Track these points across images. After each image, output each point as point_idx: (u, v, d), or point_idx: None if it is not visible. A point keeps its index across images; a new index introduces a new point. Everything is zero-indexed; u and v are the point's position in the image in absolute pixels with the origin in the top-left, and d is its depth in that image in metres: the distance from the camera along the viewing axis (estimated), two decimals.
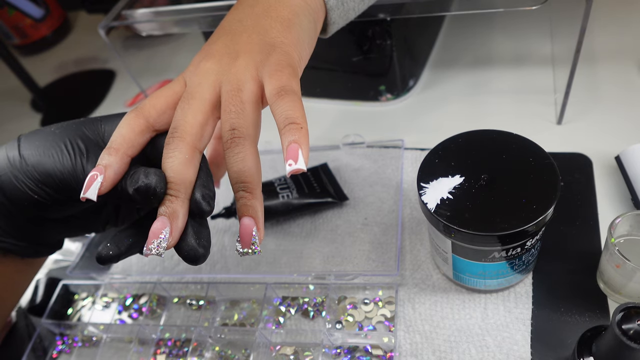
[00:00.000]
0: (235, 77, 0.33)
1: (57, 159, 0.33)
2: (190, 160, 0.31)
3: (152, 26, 0.63)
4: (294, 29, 0.36)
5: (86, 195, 0.30)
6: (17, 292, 0.43)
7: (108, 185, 0.30)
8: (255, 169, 0.31)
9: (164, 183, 0.30)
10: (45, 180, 0.33)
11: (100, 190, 0.30)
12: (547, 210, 0.36)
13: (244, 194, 0.30)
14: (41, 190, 0.33)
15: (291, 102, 0.30)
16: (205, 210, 0.31)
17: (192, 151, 0.31)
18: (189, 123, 0.32)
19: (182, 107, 0.33)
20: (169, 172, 0.30)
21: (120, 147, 0.31)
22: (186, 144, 0.31)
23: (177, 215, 0.30)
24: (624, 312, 0.32)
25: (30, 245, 0.38)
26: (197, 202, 0.31)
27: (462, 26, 0.76)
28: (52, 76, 0.96)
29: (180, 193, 0.30)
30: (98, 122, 0.35)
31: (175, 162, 0.31)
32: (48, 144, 0.33)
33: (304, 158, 0.28)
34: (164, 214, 0.29)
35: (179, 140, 0.31)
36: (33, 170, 0.33)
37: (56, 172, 0.32)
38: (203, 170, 0.32)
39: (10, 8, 0.95)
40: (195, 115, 0.32)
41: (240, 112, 0.32)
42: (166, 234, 0.29)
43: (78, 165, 0.32)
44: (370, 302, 0.47)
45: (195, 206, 0.31)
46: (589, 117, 0.58)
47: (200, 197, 0.31)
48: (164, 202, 0.30)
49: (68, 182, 0.33)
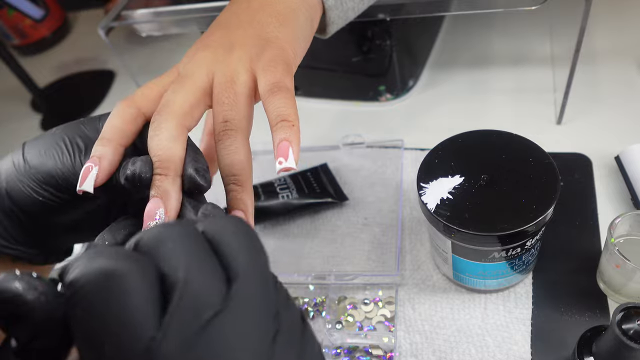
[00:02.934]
0: (229, 68, 0.33)
1: (57, 158, 0.32)
2: (178, 137, 0.30)
3: (151, 26, 0.63)
4: (290, 25, 0.36)
5: (82, 187, 0.29)
6: None
7: (103, 176, 0.30)
8: (246, 162, 0.30)
9: (149, 167, 0.29)
10: (48, 181, 0.33)
11: (96, 181, 0.29)
12: (547, 210, 0.36)
13: (234, 187, 0.30)
14: (45, 191, 0.33)
15: (284, 99, 0.30)
16: (202, 185, 0.30)
17: (180, 127, 0.30)
18: (178, 102, 0.31)
19: (173, 89, 0.32)
20: (156, 150, 0.29)
21: (112, 137, 0.31)
22: (173, 119, 0.30)
23: (169, 193, 0.28)
24: (624, 312, 0.32)
25: (40, 253, 0.38)
26: (191, 177, 0.29)
27: (461, 26, 0.76)
28: (52, 76, 0.96)
29: (169, 171, 0.29)
30: (97, 120, 0.35)
31: (162, 138, 0.29)
32: (48, 145, 0.33)
33: (295, 156, 0.28)
34: (155, 195, 0.28)
35: (165, 116, 0.30)
36: (36, 172, 0.33)
37: (57, 171, 0.32)
38: (191, 146, 0.31)
39: (9, 8, 0.95)
40: (186, 94, 0.32)
41: (233, 105, 0.31)
42: (161, 214, 0.28)
43: (77, 162, 0.32)
44: (370, 302, 0.47)
45: (191, 182, 0.29)
46: (589, 116, 0.58)
47: (193, 171, 0.30)
48: (153, 182, 0.29)
49: (69, 181, 0.32)
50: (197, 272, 0.19)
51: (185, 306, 0.18)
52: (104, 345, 0.18)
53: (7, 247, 0.36)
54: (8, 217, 0.34)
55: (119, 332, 0.18)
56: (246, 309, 0.19)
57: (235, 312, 0.19)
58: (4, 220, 0.35)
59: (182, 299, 0.18)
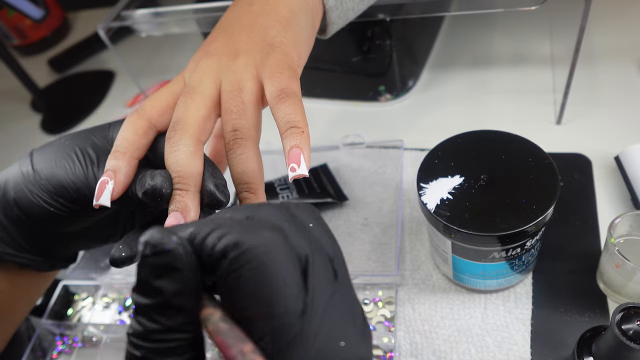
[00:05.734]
0: (236, 76, 0.33)
1: (69, 169, 0.32)
2: (196, 152, 0.30)
3: (152, 26, 0.63)
4: (293, 28, 0.36)
5: (99, 202, 0.30)
6: (30, 303, 0.43)
7: (120, 189, 0.30)
8: (257, 170, 0.31)
9: (169, 183, 0.29)
10: (59, 192, 0.32)
11: (113, 195, 0.30)
12: (546, 211, 0.36)
13: (247, 195, 0.30)
14: (56, 202, 0.33)
15: (292, 105, 0.30)
16: (221, 200, 0.30)
17: (196, 143, 0.31)
18: (192, 116, 0.32)
19: (184, 102, 0.32)
20: (175, 166, 0.30)
21: (126, 150, 0.31)
22: (190, 136, 0.31)
23: (189, 209, 0.29)
24: (624, 312, 0.32)
25: (47, 260, 0.38)
26: (211, 193, 0.30)
27: (461, 26, 0.76)
28: (52, 76, 0.96)
29: (189, 186, 0.29)
30: (106, 129, 0.34)
31: (181, 155, 0.30)
32: (59, 155, 0.33)
33: (306, 163, 0.28)
34: (175, 210, 0.29)
35: (182, 132, 0.31)
36: (47, 183, 0.32)
37: (69, 182, 0.32)
38: (208, 161, 0.32)
39: (10, 9, 0.95)
40: (198, 108, 0.32)
41: (242, 113, 0.32)
42: None
43: (90, 173, 0.32)
44: (370, 302, 0.47)
45: (211, 197, 0.30)
46: (589, 117, 0.58)
47: (213, 187, 0.30)
48: (173, 197, 0.29)
49: (82, 192, 0.32)
50: (318, 253, 0.23)
51: (321, 278, 0.22)
52: (272, 303, 0.21)
53: (14, 255, 0.36)
54: (15, 225, 0.34)
55: (284, 291, 0.21)
56: (344, 285, 0.24)
57: (340, 289, 0.23)
58: (11, 228, 0.34)
59: (318, 274, 0.22)
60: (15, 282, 0.38)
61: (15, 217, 0.34)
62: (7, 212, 0.34)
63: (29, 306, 0.43)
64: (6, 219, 0.34)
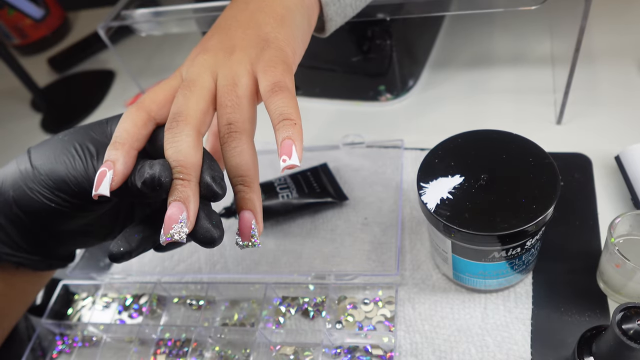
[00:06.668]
0: (231, 71, 0.33)
1: (70, 164, 0.32)
2: (197, 144, 0.31)
3: (151, 26, 0.63)
4: (288, 25, 0.36)
5: (98, 191, 0.29)
6: (27, 302, 0.43)
7: (119, 179, 0.30)
8: (252, 163, 0.31)
9: (168, 172, 0.29)
10: (60, 187, 0.32)
11: (112, 185, 0.30)
12: (547, 210, 0.36)
13: (242, 188, 0.31)
14: (57, 197, 0.33)
15: (285, 98, 0.30)
16: (218, 193, 0.30)
17: (197, 135, 0.31)
18: (192, 108, 0.32)
19: (183, 94, 0.33)
20: (177, 155, 0.30)
21: (125, 141, 0.31)
22: (192, 127, 0.31)
23: (190, 199, 0.29)
24: (624, 312, 0.32)
25: (44, 259, 0.38)
26: (208, 185, 0.30)
27: (461, 26, 0.76)
28: (52, 76, 0.96)
29: (191, 176, 0.29)
30: (104, 123, 0.35)
31: (184, 145, 0.30)
32: (58, 151, 0.33)
33: (298, 154, 0.28)
34: (177, 199, 0.29)
35: (183, 123, 0.31)
36: (47, 178, 0.32)
37: (70, 177, 0.32)
38: (206, 154, 0.32)
39: (10, 8, 0.95)
40: (198, 101, 0.32)
41: (237, 107, 0.32)
42: (184, 218, 0.28)
43: (90, 167, 0.32)
44: (370, 302, 0.47)
45: (207, 190, 0.30)
46: (589, 116, 0.58)
47: (210, 179, 0.30)
48: (174, 188, 0.29)
49: (82, 185, 0.32)
50: None
51: None
52: None
53: (11, 255, 0.36)
54: (13, 225, 0.34)
55: None
56: None
57: None
58: (9, 227, 0.34)
59: None
60: (12, 281, 0.39)
61: (13, 216, 0.34)
62: (5, 211, 0.34)
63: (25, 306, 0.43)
64: (4, 219, 0.34)
